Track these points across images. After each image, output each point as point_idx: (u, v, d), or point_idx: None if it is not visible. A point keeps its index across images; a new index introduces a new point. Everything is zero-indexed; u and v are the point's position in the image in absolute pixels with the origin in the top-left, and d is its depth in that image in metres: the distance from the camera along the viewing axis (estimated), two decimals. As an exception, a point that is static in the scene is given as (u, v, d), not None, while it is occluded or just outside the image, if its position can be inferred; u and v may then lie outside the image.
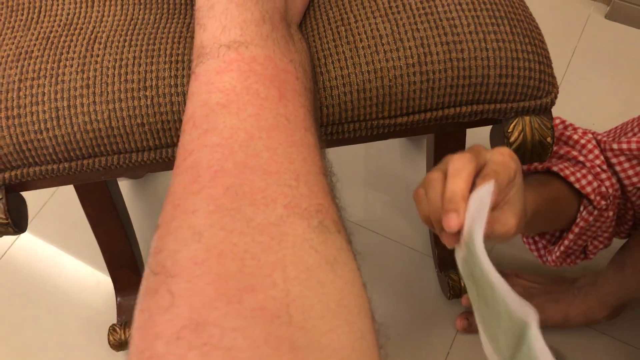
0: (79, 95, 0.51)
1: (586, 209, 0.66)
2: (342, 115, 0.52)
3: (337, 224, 0.37)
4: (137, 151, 0.53)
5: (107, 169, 0.54)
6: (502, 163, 0.46)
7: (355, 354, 0.32)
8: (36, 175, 0.53)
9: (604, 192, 0.65)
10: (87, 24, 0.54)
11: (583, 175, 0.65)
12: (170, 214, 0.35)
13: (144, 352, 0.29)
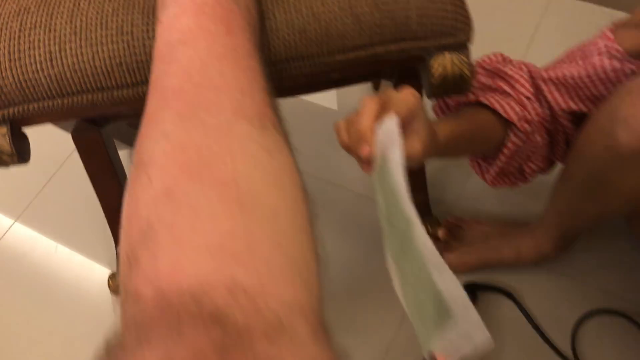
0: (68, 41, 0.61)
1: (514, 133, 0.75)
2: (287, 53, 0.62)
3: (275, 125, 0.47)
4: (118, 88, 0.63)
5: (94, 105, 0.64)
6: (402, 99, 0.55)
7: (288, 212, 0.42)
8: (35, 110, 0.64)
9: (528, 118, 0.74)
10: (75, -15, 0.65)
11: (508, 103, 0.74)
12: (145, 126, 0.45)
13: (131, 218, 0.40)
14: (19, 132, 0.67)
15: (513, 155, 0.78)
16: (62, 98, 0.63)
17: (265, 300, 0.34)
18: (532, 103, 0.75)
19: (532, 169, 0.81)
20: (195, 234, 0.37)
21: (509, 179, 0.84)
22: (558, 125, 0.76)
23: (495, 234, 0.98)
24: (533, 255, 0.94)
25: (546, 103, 0.75)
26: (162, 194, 0.39)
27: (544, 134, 0.76)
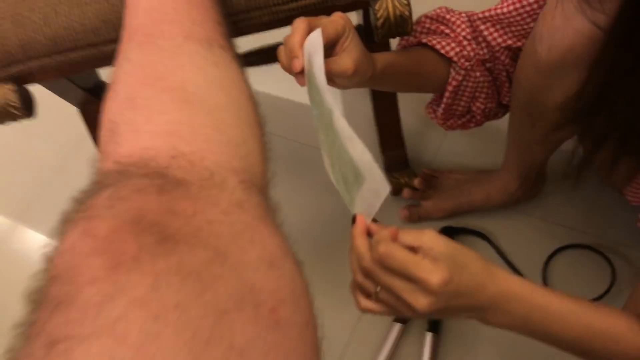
0: (59, 3, 0.72)
1: (454, 70, 0.84)
2: (244, 4, 0.72)
3: (223, 46, 0.57)
4: (105, 43, 0.73)
5: (87, 60, 0.75)
6: (330, 20, 0.64)
7: (230, 107, 0.51)
8: (36, 67, 0.74)
9: (466, 55, 0.82)
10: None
11: (447, 43, 0.83)
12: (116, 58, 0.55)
13: (103, 125, 0.49)
14: (24, 88, 0.77)
15: (456, 91, 0.86)
16: (59, 55, 0.74)
17: (201, 161, 0.43)
18: (469, 43, 0.83)
19: (479, 108, 0.89)
20: (149, 125, 0.46)
21: (461, 120, 0.92)
22: (499, 62, 0.85)
23: (467, 181, 1.06)
24: (501, 196, 1.02)
25: (485, 42, 0.83)
26: (125, 101, 0.49)
27: (484, 71, 0.84)
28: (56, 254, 0.34)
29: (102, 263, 0.31)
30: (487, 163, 1.11)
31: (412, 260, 0.54)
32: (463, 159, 1.15)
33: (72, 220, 0.35)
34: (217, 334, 0.30)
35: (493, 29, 0.83)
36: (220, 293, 0.32)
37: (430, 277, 0.53)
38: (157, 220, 0.35)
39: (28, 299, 0.33)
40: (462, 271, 0.55)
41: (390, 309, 0.59)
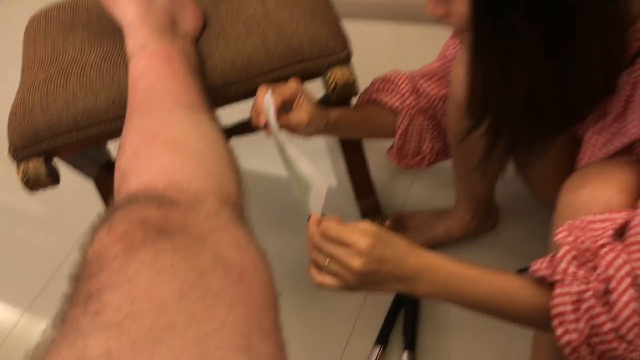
0: (79, 92, 0.91)
1: (400, 118, 1.03)
2: (224, 80, 0.91)
3: (203, 109, 0.75)
4: (114, 120, 0.92)
5: (100, 135, 0.94)
6: (286, 85, 0.84)
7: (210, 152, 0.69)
8: (60, 143, 0.93)
9: (408, 105, 1.02)
10: (84, 58, 0.96)
11: (392, 97, 1.02)
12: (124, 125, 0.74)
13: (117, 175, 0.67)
14: (51, 161, 0.96)
15: (404, 135, 1.04)
16: (78, 131, 0.93)
17: (188, 187, 0.60)
18: (410, 96, 1.02)
19: (428, 147, 1.07)
20: (150, 168, 0.64)
21: (414, 160, 1.10)
22: (439, 109, 1.03)
23: (431, 219, 1.22)
24: (459, 229, 1.17)
25: (425, 94, 1.02)
26: (131, 155, 0.67)
27: (426, 118, 1.03)
28: (88, 247, 0.50)
29: (120, 247, 0.48)
30: (449, 203, 1.26)
31: (345, 229, 0.72)
32: (428, 201, 1.32)
33: (98, 227, 0.52)
34: (198, 282, 0.46)
35: (429, 82, 1.02)
36: (201, 260, 0.49)
37: (359, 240, 0.70)
38: (157, 222, 0.52)
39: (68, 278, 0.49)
40: (386, 243, 0.72)
41: (338, 279, 0.73)
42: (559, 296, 0.68)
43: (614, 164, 0.74)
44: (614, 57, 0.67)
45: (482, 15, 0.63)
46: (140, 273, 0.44)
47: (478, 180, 1.07)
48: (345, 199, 1.37)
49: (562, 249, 0.70)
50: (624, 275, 0.65)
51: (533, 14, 0.59)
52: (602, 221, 0.69)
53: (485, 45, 0.65)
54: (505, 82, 0.67)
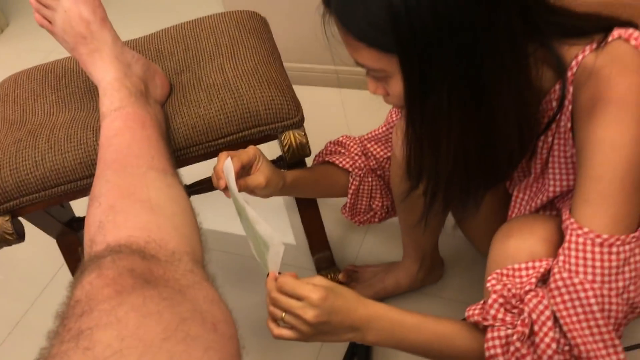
0: (47, 153, 0.97)
1: (352, 178, 1.12)
2: (186, 142, 0.98)
3: (173, 174, 0.82)
4: (80, 179, 0.98)
5: (66, 193, 0.99)
6: (244, 150, 0.92)
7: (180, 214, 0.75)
8: (27, 201, 0.98)
9: (359, 166, 1.10)
10: (52, 121, 1.02)
11: (344, 159, 1.11)
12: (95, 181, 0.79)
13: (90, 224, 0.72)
14: (17, 219, 1.00)
15: (356, 193, 1.13)
16: (45, 191, 0.98)
17: (166, 245, 0.66)
18: (360, 157, 1.11)
19: (378, 205, 1.15)
20: (128, 223, 0.70)
21: (366, 216, 1.18)
22: (386, 170, 1.12)
23: (381, 271, 1.29)
24: (407, 280, 1.25)
25: (373, 156, 1.11)
26: (108, 208, 0.72)
27: (375, 177, 1.12)
28: (77, 289, 0.56)
29: (111, 290, 0.54)
30: (397, 257, 1.34)
31: (299, 284, 0.78)
32: (379, 255, 1.39)
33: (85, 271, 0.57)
34: (179, 327, 0.52)
35: (377, 146, 1.11)
36: (182, 309, 0.55)
37: (312, 293, 0.76)
38: (142, 272, 0.58)
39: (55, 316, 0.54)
40: (337, 295, 0.78)
41: (294, 331, 0.79)
42: (490, 340, 0.76)
43: (537, 218, 0.84)
44: (527, 124, 0.77)
45: (413, 95, 0.72)
46: (129, 315, 0.50)
47: (422, 234, 1.15)
48: (302, 253, 1.43)
49: (491, 296, 0.78)
50: (546, 319, 0.73)
51: (454, 93, 0.69)
52: (527, 269, 0.78)
53: (418, 119, 0.75)
54: (436, 149, 0.76)
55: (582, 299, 0.72)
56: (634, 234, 0.71)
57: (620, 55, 0.70)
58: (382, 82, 0.77)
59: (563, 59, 0.73)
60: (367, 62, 0.73)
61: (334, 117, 1.74)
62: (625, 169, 0.70)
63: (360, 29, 0.69)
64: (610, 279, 0.71)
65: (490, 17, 0.65)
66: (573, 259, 0.73)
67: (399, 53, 0.69)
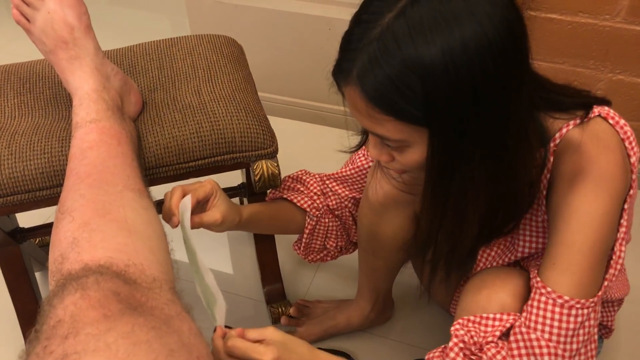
0: (6, 160, 0.92)
1: (309, 218, 1.11)
2: (157, 162, 0.96)
3: (147, 196, 0.79)
4: (40, 189, 0.93)
5: (23, 204, 0.94)
6: (201, 185, 0.90)
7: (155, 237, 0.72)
8: (-21, 208, 0.92)
9: (316, 206, 1.10)
10: (14, 126, 0.97)
11: (302, 198, 1.10)
12: (65, 193, 0.76)
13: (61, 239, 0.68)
14: (-36, 225, 0.94)
15: (312, 233, 1.13)
16: (2, 198, 0.92)
17: (146, 270, 0.64)
18: (319, 197, 1.11)
19: (332, 245, 1.16)
20: (103, 242, 0.67)
21: (319, 255, 1.18)
22: (346, 210, 1.12)
23: (332, 308, 1.29)
24: (358, 319, 1.25)
25: (335, 195, 1.12)
26: (82, 224, 0.69)
27: (332, 218, 1.13)
28: (59, 308, 0.52)
29: (98, 314, 0.51)
30: (349, 295, 1.34)
31: (250, 346, 0.75)
32: (330, 291, 1.39)
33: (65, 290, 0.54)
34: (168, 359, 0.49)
35: (341, 185, 1.11)
36: (170, 341, 0.53)
37: (264, 356, 0.74)
38: (126, 297, 0.55)
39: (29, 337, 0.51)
40: (290, 352, 0.76)
41: None
42: None
43: (509, 272, 0.86)
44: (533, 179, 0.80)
45: (441, 167, 0.72)
46: (118, 342, 0.48)
47: (381, 277, 1.16)
48: (252, 284, 1.41)
49: (452, 340, 0.79)
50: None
51: (484, 161, 0.71)
52: (494, 319, 0.80)
53: (443, 190, 0.75)
54: (461, 218, 0.77)
55: (537, 355, 0.75)
56: (592, 299, 0.75)
57: (600, 133, 0.75)
58: (395, 150, 0.75)
59: (547, 131, 0.77)
60: (389, 134, 0.70)
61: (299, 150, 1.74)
62: (595, 239, 0.74)
63: (391, 103, 0.66)
64: (566, 340, 0.75)
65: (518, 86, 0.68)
66: (534, 316, 0.76)
67: (433, 126, 0.68)
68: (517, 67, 0.67)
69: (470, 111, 0.66)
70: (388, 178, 0.94)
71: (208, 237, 1.51)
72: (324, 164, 1.24)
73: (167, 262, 0.72)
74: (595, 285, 0.76)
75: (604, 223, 0.74)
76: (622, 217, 0.77)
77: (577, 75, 1.49)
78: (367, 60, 0.66)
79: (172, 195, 0.87)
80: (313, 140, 1.84)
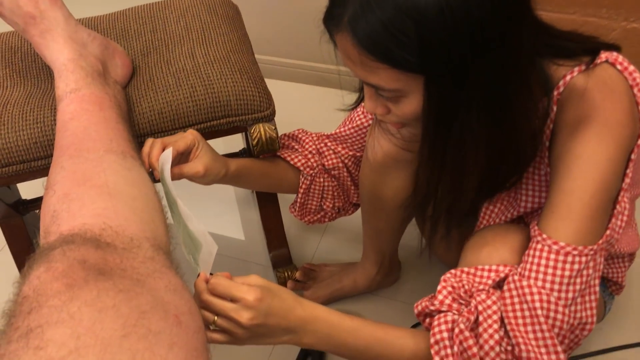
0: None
1: (302, 177, 1.09)
2: (150, 128, 0.94)
3: (133, 157, 0.77)
4: (34, 160, 0.92)
5: (19, 175, 0.93)
6: (182, 136, 0.87)
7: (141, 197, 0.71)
8: (-26, 180, 0.91)
9: (310, 165, 1.08)
10: (6, 96, 0.96)
11: (296, 156, 1.08)
12: (51, 168, 0.74)
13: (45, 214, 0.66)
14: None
15: (307, 193, 1.11)
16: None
17: (123, 232, 0.62)
18: (313, 156, 1.09)
19: (329, 206, 1.14)
20: (82, 210, 0.65)
21: (316, 216, 1.16)
22: (343, 171, 1.10)
23: (338, 271, 1.28)
24: (365, 282, 1.24)
25: (334, 154, 1.09)
26: (62, 196, 0.68)
27: (327, 177, 1.10)
28: (24, 284, 0.51)
29: (61, 284, 0.49)
30: (355, 257, 1.33)
31: (234, 284, 0.73)
32: (336, 255, 1.38)
33: (34, 265, 0.53)
34: (139, 322, 0.48)
35: (341, 145, 1.09)
36: (141, 302, 0.51)
37: (247, 295, 0.71)
38: (96, 263, 0.53)
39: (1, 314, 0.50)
40: (273, 296, 0.74)
41: (227, 335, 0.74)
42: (437, 326, 0.75)
43: (510, 228, 0.84)
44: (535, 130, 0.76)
45: (440, 117, 0.69)
46: (82, 310, 0.46)
47: (385, 238, 1.14)
48: (258, 249, 1.40)
49: (440, 284, 0.77)
50: (492, 313, 0.73)
51: (483, 110, 0.68)
52: (490, 271, 0.78)
53: (441, 141, 0.72)
54: (460, 170, 0.74)
55: (529, 302, 0.72)
56: (591, 247, 0.72)
57: (607, 79, 0.71)
58: (390, 101, 0.73)
59: (550, 79, 0.74)
60: (384, 83, 0.68)
61: (297, 113, 1.72)
62: (597, 186, 0.71)
63: (384, 50, 0.64)
64: (560, 287, 0.72)
65: (518, 31, 0.65)
66: (529, 265, 0.74)
67: (429, 74, 0.65)
68: (517, 11, 0.64)
69: (467, 57, 0.63)
70: (387, 135, 0.91)
71: (215, 202, 1.50)
72: (323, 126, 1.21)
73: (155, 220, 0.70)
74: (595, 234, 0.73)
75: (607, 170, 0.70)
76: (628, 168, 0.74)
77: (589, 26, 1.43)
78: (358, 5, 0.63)
79: (152, 148, 0.85)
80: (312, 103, 1.81)
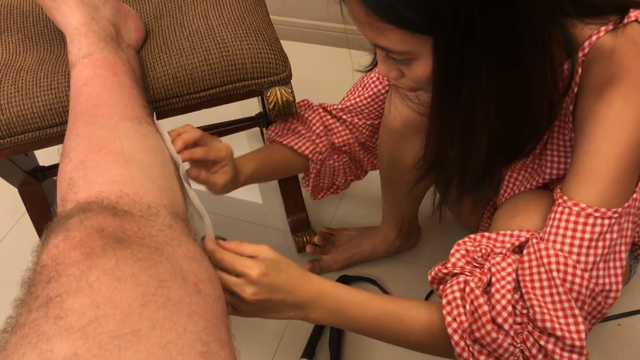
0: (13, 97, 0.90)
1: (312, 162, 1.07)
2: (165, 93, 0.92)
3: (149, 122, 0.76)
4: (50, 127, 0.91)
5: (35, 142, 0.92)
6: (217, 147, 0.87)
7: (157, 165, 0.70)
8: None
9: (319, 150, 1.05)
10: (19, 62, 0.95)
11: (303, 143, 1.05)
12: (66, 135, 0.73)
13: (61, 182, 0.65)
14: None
15: (318, 176, 1.11)
16: (10, 137, 0.91)
17: (140, 199, 0.61)
18: (321, 139, 1.05)
19: (341, 181, 1.14)
20: (99, 177, 0.64)
21: (329, 191, 1.17)
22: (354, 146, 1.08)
23: (357, 236, 1.27)
24: (384, 246, 1.23)
25: (350, 125, 1.07)
26: (78, 163, 0.67)
27: (337, 157, 1.09)
28: (42, 253, 0.51)
29: (79, 253, 0.49)
30: (374, 221, 1.32)
31: (238, 259, 0.71)
32: (355, 219, 1.37)
33: (52, 233, 0.52)
34: (159, 291, 0.47)
35: (355, 117, 1.06)
36: (160, 270, 0.50)
37: (251, 270, 0.70)
38: (113, 231, 0.53)
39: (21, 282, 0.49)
40: (280, 271, 0.72)
41: (231, 307, 0.73)
42: (449, 287, 0.74)
43: (541, 196, 0.81)
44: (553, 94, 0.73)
45: (448, 79, 0.66)
46: (101, 280, 0.46)
47: (405, 204, 1.13)
48: (276, 214, 1.40)
49: (454, 248, 0.76)
50: (506, 275, 0.71)
51: (493, 72, 0.65)
52: (511, 236, 0.76)
53: (451, 104, 0.69)
54: (469, 133, 0.71)
55: (545, 264, 0.70)
56: (615, 209, 0.69)
57: (636, 38, 0.67)
58: (402, 64, 0.71)
59: (575, 39, 0.70)
60: (392, 45, 0.66)
61: (315, 75, 1.69)
62: (623, 148, 0.68)
63: (390, 9, 0.62)
64: (580, 250, 0.69)
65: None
66: (549, 227, 0.71)
67: (437, 34, 0.62)
68: None
69: (477, 16, 0.60)
70: (404, 100, 0.88)
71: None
72: (341, 88, 1.18)
73: (172, 187, 0.70)
74: (621, 197, 0.70)
75: (634, 131, 0.67)
76: None
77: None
78: None
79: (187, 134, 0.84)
80: (330, 64, 1.78)
